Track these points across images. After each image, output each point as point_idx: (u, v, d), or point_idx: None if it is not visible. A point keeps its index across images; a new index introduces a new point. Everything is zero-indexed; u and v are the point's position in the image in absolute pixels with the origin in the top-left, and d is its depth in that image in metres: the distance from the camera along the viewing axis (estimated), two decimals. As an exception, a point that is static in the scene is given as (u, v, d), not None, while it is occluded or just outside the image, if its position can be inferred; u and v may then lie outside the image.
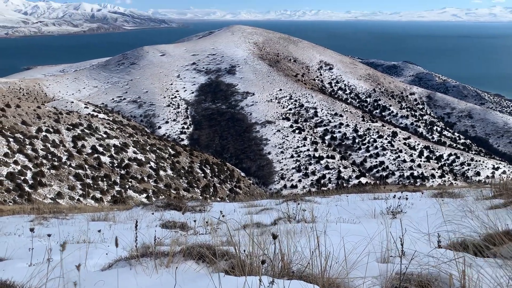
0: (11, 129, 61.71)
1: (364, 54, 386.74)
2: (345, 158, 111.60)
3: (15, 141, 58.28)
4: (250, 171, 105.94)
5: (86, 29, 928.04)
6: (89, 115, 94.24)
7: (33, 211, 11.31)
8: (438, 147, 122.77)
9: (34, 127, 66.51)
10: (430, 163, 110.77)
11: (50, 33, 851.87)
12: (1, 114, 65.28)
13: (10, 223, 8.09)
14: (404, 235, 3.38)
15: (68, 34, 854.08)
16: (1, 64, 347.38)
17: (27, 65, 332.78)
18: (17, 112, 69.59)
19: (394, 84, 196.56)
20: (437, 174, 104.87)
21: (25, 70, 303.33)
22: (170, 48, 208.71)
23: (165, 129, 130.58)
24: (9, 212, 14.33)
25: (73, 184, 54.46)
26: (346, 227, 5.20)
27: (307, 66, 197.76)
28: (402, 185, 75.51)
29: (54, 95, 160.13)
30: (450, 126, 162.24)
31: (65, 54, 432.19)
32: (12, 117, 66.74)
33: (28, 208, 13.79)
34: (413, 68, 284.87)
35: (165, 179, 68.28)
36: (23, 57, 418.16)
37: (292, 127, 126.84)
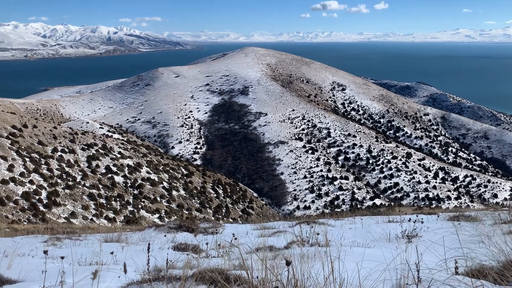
0: (28, 149, 62.70)
1: (377, 75, 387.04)
2: (359, 179, 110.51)
3: (31, 161, 59.13)
4: (262, 192, 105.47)
5: (102, 51, 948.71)
6: (104, 135, 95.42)
7: (47, 231, 11.39)
8: (454, 169, 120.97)
9: (50, 147, 67.49)
10: (445, 185, 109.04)
11: (68, 55, 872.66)
12: (18, 134, 66.46)
13: (24, 244, 8.14)
14: (420, 261, 3.30)
15: (85, 56, 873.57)
16: (20, 86, 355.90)
17: (44, 86, 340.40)
18: (34, 132, 70.79)
19: (407, 104, 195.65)
20: (453, 196, 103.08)
21: (42, 91, 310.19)
22: (184, 70, 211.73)
23: (179, 149, 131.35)
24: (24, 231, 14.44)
25: (86, 203, 54.80)
26: (361, 252, 5.11)
27: (320, 87, 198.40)
28: (417, 207, 74.32)
29: (70, 116, 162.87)
30: (466, 147, 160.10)
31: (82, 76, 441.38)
32: (29, 137, 67.89)
33: (42, 227, 13.88)
34: (426, 89, 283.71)
35: (178, 199, 68.29)
36: (41, 78, 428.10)
37: (305, 148, 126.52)
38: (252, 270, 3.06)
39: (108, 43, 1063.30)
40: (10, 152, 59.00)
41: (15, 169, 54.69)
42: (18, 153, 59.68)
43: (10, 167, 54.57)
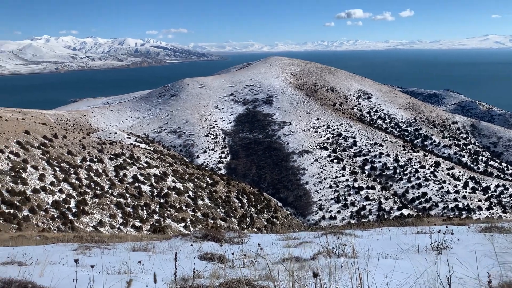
0: (58, 159, 64.45)
1: (404, 83, 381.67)
2: (386, 188, 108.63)
3: (61, 170, 60.71)
4: (287, 201, 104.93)
5: (130, 63, 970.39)
6: (131, 145, 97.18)
7: (76, 240, 11.63)
8: (485, 178, 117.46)
9: (79, 157, 69.18)
10: (476, 195, 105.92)
11: (96, 67, 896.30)
12: (49, 144, 68.44)
13: (55, 252, 8.34)
14: (451, 274, 3.22)
15: (113, 68, 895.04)
16: (51, 97, 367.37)
17: (74, 98, 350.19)
18: (64, 142, 72.76)
19: (435, 113, 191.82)
20: (484, 206, 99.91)
21: (72, 102, 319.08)
22: (209, 80, 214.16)
23: (203, 159, 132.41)
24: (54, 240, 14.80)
25: (114, 212, 55.74)
26: (389, 263, 5.01)
27: (345, 95, 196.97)
28: (446, 217, 72.36)
29: (98, 126, 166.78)
30: (497, 156, 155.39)
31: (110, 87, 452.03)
32: (59, 147, 69.80)
33: (71, 236, 14.18)
34: (455, 97, 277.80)
35: (203, 208, 68.68)
36: (71, 90, 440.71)
37: (330, 157, 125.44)
38: (279, 281, 3.04)
39: (135, 55, 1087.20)
40: (41, 161, 60.77)
41: (45, 179, 56.24)
42: (48, 162, 61.40)
43: (41, 176, 56.16)
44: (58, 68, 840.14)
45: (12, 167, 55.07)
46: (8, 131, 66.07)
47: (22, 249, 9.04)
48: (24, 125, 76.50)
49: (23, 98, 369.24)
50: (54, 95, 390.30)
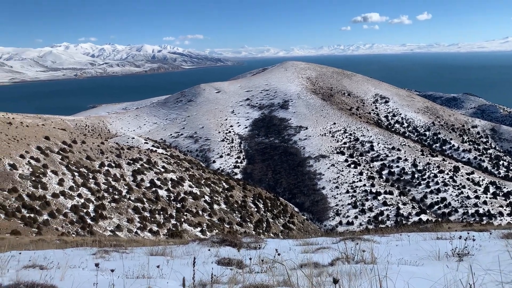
0: (77, 164, 65.47)
1: (421, 86, 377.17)
2: (404, 194, 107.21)
3: (79, 175, 61.63)
4: (303, 207, 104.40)
5: (147, 69, 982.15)
6: (149, 150, 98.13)
7: (95, 244, 11.77)
8: (506, 183, 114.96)
9: (97, 162, 70.15)
10: (497, 200, 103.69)
11: (115, 74, 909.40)
12: (68, 149, 69.61)
13: (74, 256, 8.45)
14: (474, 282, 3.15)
15: (131, 74, 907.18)
16: (70, 103, 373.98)
17: (92, 104, 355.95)
18: (83, 147, 73.91)
19: (454, 116, 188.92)
20: (505, 212, 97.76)
21: (90, 108, 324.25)
22: (225, 85, 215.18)
23: (219, 163, 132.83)
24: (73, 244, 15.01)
25: (131, 217, 56.28)
26: (409, 270, 4.93)
27: (362, 100, 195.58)
28: (466, 223, 70.93)
29: (116, 131, 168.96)
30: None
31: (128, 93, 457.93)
32: (78, 152, 70.93)
33: (90, 240, 14.36)
34: (474, 100, 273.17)
35: (219, 213, 68.83)
36: (89, 96, 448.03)
37: (347, 162, 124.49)
38: (298, 287, 3.02)
39: (153, 61, 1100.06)
40: (60, 166, 61.82)
41: (65, 183, 57.15)
42: (67, 167, 62.41)
43: (60, 181, 57.09)
44: (77, 75, 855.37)
45: (33, 172, 56.14)
46: (29, 137, 67.43)
47: (43, 253, 9.19)
48: (44, 130, 77.98)
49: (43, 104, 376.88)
50: (73, 101, 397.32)
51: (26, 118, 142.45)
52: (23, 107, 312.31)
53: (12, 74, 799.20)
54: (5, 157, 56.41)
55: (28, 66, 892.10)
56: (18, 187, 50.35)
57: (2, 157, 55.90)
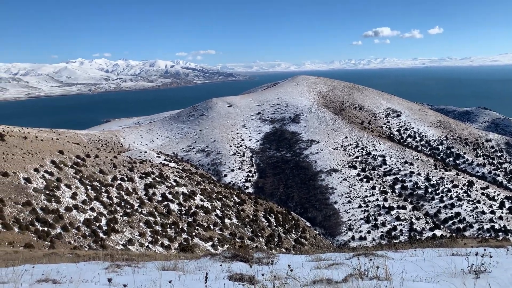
0: (90, 178, 66.02)
1: (434, 100, 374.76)
2: (417, 208, 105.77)
3: (92, 189, 62.10)
4: (315, 221, 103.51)
5: (160, 84, 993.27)
6: (161, 164, 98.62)
7: (107, 258, 11.79)
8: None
9: (110, 176, 70.66)
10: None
11: (128, 89, 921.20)
12: (81, 163, 70.31)
13: (87, 270, 8.47)
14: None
15: (144, 89, 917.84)
16: (84, 118, 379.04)
17: (106, 118, 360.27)
18: (96, 161, 74.60)
19: (467, 130, 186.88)
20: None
21: (104, 122, 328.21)
22: (236, 100, 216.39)
23: (231, 177, 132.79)
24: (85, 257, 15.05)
25: (143, 231, 56.34)
26: (425, 287, 4.85)
27: (373, 114, 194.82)
28: (482, 238, 69.53)
29: (129, 145, 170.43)
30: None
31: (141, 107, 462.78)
32: (91, 166, 71.58)
33: (102, 254, 14.40)
34: (488, 114, 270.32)
35: (230, 227, 68.56)
36: (103, 111, 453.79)
37: (360, 176, 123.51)
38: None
39: (166, 76, 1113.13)
40: (74, 180, 62.40)
41: (78, 197, 57.61)
42: (81, 181, 62.97)
43: (74, 195, 57.57)
44: (91, 90, 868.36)
45: (47, 185, 56.73)
46: (44, 151, 68.33)
47: (56, 266, 9.23)
48: (58, 145, 78.99)
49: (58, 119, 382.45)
50: (87, 116, 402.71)
51: (41, 132, 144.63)
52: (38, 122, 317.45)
53: (28, 89, 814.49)
54: (20, 171, 57.16)
55: (44, 82, 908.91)
56: (32, 201, 50.88)
57: (17, 171, 56.66)
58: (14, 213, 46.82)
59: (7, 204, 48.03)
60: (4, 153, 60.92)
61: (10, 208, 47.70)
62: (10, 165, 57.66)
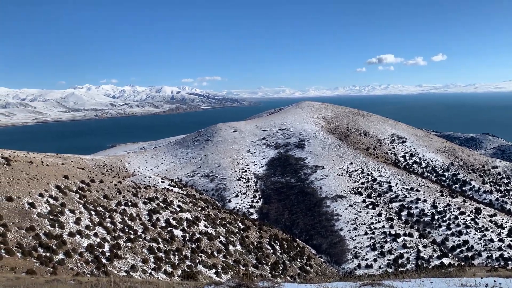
0: (94, 203, 65.86)
1: (439, 126, 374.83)
2: (424, 236, 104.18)
3: (96, 214, 61.85)
4: (321, 248, 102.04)
5: (166, 109, 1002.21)
6: (165, 189, 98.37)
7: (109, 285, 11.63)
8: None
9: (114, 201, 70.48)
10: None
11: (134, 114, 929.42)
12: (86, 188, 70.30)
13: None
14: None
15: (150, 114, 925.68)
16: (90, 143, 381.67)
17: (112, 143, 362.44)
18: (100, 186, 74.58)
19: (473, 157, 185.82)
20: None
21: (110, 147, 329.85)
22: (241, 125, 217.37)
23: (235, 203, 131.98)
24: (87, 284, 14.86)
25: (146, 257, 55.72)
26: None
27: (378, 140, 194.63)
28: (491, 267, 68.04)
29: (134, 170, 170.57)
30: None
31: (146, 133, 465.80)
32: (96, 191, 71.52)
33: (104, 281, 14.21)
34: (493, 140, 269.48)
35: (234, 254, 67.69)
36: (109, 136, 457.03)
37: (365, 202, 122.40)
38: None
39: (171, 101, 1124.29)
40: (78, 205, 62.25)
41: (81, 222, 57.34)
42: (85, 206, 62.80)
43: (77, 220, 57.33)
44: (98, 115, 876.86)
45: (51, 210, 56.60)
46: (49, 176, 68.50)
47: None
48: (64, 169, 79.22)
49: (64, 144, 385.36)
50: (93, 141, 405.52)
51: (46, 157, 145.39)
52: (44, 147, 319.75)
53: (35, 115, 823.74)
54: (25, 196, 57.18)
55: (51, 107, 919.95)
56: (35, 226, 50.66)
57: (21, 196, 56.68)
58: (17, 238, 46.57)
59: (10, 229, 47.84)
60: (10, 177, 61.11)
61: (14, 233, 47.48)
62: (15, 190, 57.74)
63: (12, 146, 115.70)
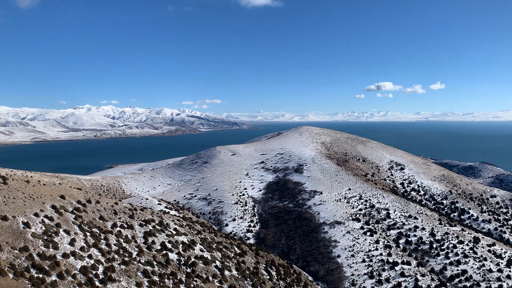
0: (89, 224, 65.19)
1: (437, 154, 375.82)
2: (422, 264, 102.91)
3: (91, 235, 61.13)
4: (318, 275, 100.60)
5: (165, 131, 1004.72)
6: (161, 212, 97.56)
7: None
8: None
9: (110, 222, 69.78)
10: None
11: (133, 135, 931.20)
12: (82, 209, 69.71)
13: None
14: None
15: (149, 136, 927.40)
16: (88, 163, 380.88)
17: (109, 164, 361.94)
18: (97, 207, 73.97)
19: (472, 185, 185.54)
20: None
21: (107, 168, 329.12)
22: (240, 148, 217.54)
23: (232, 227, 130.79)
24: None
25: (140, 280, 54.81)
26: None
27: (377, 166, 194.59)
28: (490, 299, 66.90)
29: (131, 192, 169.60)
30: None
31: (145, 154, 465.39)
32: (92, 212, 70.89)
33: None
34: (492, 169, 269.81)
35: (230, 280, 66.62)
36: (107, 157, 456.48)
37: (363, 229, 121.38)
38: None
39: (171, 123, 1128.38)
40: (73, 226, 61.60)
41: (76, 243, 56.62)
42: (80, 227, 62.14)
43: (72, 241, 56.63)
44: (97, 136, 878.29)
45: (45, 230, 55.97)
46: (45, 195, 68.03)
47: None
48: (60, 189, 78.73)
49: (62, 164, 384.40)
50: (91, 161, 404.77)
51: (44, 176, 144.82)
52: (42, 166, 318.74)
53: (35, 134, 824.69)
54: (20, 215, 56.64)
55: (50, 126, 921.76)
56: (29, 246, 50.00)
57: (17, 215, 56.14)
58: (10, 259, 45.88)
59: (4, 248, 47.19)
60: (6, 196, 60.66)
61: (7, 253, 46.82)
62: (10, 209, 57.23)
63: (10, 165, 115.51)
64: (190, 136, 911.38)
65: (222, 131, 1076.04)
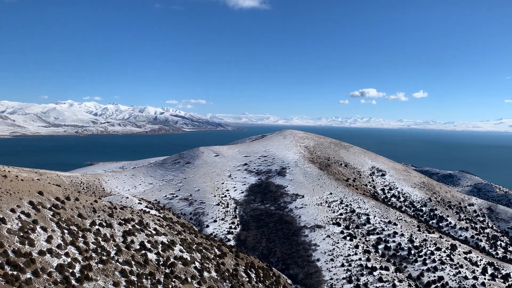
0: (68, 221, 64.07)
1: (418, 162, 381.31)
2: (400, 270, 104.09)
3: (69, 233, 60.08)
4: (297, 279, 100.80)
5: (148, 129, 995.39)
6: (142, 211, 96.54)
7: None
8: (504, 265, 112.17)
9: (88, 220, 68.72)
10: (495, 282, 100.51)
11: (115, 133, 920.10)
12: (60, 206, 68.47)
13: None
14: None
15: (131, 134, 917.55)
16: (68, 160, 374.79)
17: (90, 161, 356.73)
18: (75, 205, 72.77)
19: (451, 193, 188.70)
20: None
21: (88, 165, 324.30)
22: (224, 149, 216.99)
23: (213, 228, 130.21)
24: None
25: (118, 280, 54.07)
26: None
27: (358, 171, 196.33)
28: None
29: (111, 190, 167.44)
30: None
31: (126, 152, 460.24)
32: (70, 209, 69.70)
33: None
34: (470, 178, 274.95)
35: (209, 281, 66.26)
36: (88, 153, 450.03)
37: (343, 233, 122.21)
38: None
39: (154, 122, 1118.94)
40: (50, 223, 60.45)
41: (53, 241, 55.57)
42: (58, 224, 61.01)
43: (49, 238, 55.55)
44: (78, 132, 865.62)
45: (22, 227, 54.80)
46: (22, 191, 66.63)
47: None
48: (39, 185, 77.23)
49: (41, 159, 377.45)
50: (71, 158, 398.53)
51: (22, 172, 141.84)
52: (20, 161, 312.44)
53: (14, 128, 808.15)
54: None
55: (31, 121, 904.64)
56: (4, 242, 48.86)
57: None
58: (-17, 255, 44.72)
59: (-23, 244, 45.99)
60: (-19, 191, 59.17)
61: (-20, 249, 45.63)
62: (-15, 204, 55.82)
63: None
64: (173, 136, 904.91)
65: (206, 132, 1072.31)
